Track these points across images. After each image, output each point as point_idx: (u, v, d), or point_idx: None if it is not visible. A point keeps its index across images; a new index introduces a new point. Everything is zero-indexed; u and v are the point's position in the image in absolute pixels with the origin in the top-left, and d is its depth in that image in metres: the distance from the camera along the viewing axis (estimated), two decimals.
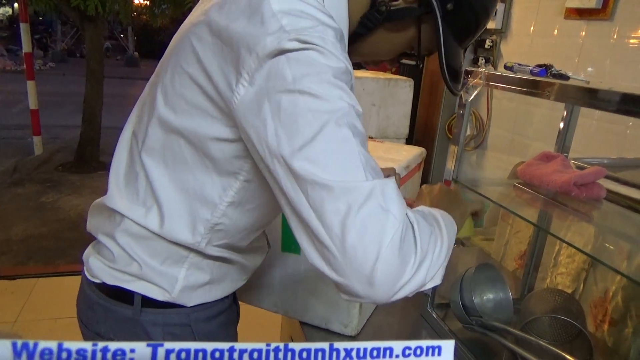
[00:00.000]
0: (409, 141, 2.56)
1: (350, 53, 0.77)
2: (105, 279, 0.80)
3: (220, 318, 0.88)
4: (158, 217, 0.75)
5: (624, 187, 1.02)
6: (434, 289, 1.16)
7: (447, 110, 2.46)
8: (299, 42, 0.57)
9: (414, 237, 0.56)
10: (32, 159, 5.42)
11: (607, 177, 1.03)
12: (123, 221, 0.77)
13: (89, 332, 0.85)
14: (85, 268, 0.84)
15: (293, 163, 0.55)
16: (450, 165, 1.09)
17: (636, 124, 1.49)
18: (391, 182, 0.56)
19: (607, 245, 1.10)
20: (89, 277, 0.82)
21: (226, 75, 0.62)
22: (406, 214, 0.56)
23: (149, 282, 0.78)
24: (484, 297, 1.14)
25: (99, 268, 0.81)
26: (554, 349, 0.93)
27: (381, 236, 0.52)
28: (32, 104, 5.29)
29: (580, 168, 1.07)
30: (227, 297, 0.89)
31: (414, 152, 1.28)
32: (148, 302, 0.79)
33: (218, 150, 0.68)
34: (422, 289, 0.60)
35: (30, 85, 5.22)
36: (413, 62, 0.82)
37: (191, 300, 0.81)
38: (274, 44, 0.57)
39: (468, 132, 2.32)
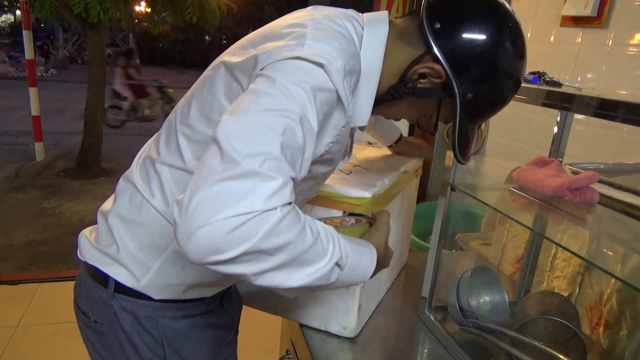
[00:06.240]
0: None
1: (375, 112, 0.84)
2: (87, 258, 0.85)
3: (193, 320, 0.89)
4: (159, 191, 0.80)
5: (617, 192, 1.04)
6: (432, 292, 1.18)
7: None
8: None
9: (269, 233, 0.55)
10: (34, 165, 5.45)
11: (601, 181, 1.05)
12: (124, 196, 0.83)
13: (77, 308, 0.90)
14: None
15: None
16: (447, 170, 1.11)
17: (632, 130, 1.50)
18: (278, 183, 0.56)
19: (602, 248, 1.11)
20: (78, 255, 0.88)
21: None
22: (291, 215, 0.57)
23: (122, 266, 0.82)
24: (481, 300, 1.15)
25: (85, 247, 0.86)
26: (549, 350, 0.94)
27: (222, 210, 0.53)
28: (34, 110, 5.32)
29: (576, 173, 1.09)
30: (203, 300, 0.91)
31: (412, 158, 1.31)
32: (120, 288, 0.83)
33: None
34: (275, 288, 0.62)
35: (32, 91, 5.26)
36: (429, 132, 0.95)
37: (158, 294, 0.83)
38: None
39: None
